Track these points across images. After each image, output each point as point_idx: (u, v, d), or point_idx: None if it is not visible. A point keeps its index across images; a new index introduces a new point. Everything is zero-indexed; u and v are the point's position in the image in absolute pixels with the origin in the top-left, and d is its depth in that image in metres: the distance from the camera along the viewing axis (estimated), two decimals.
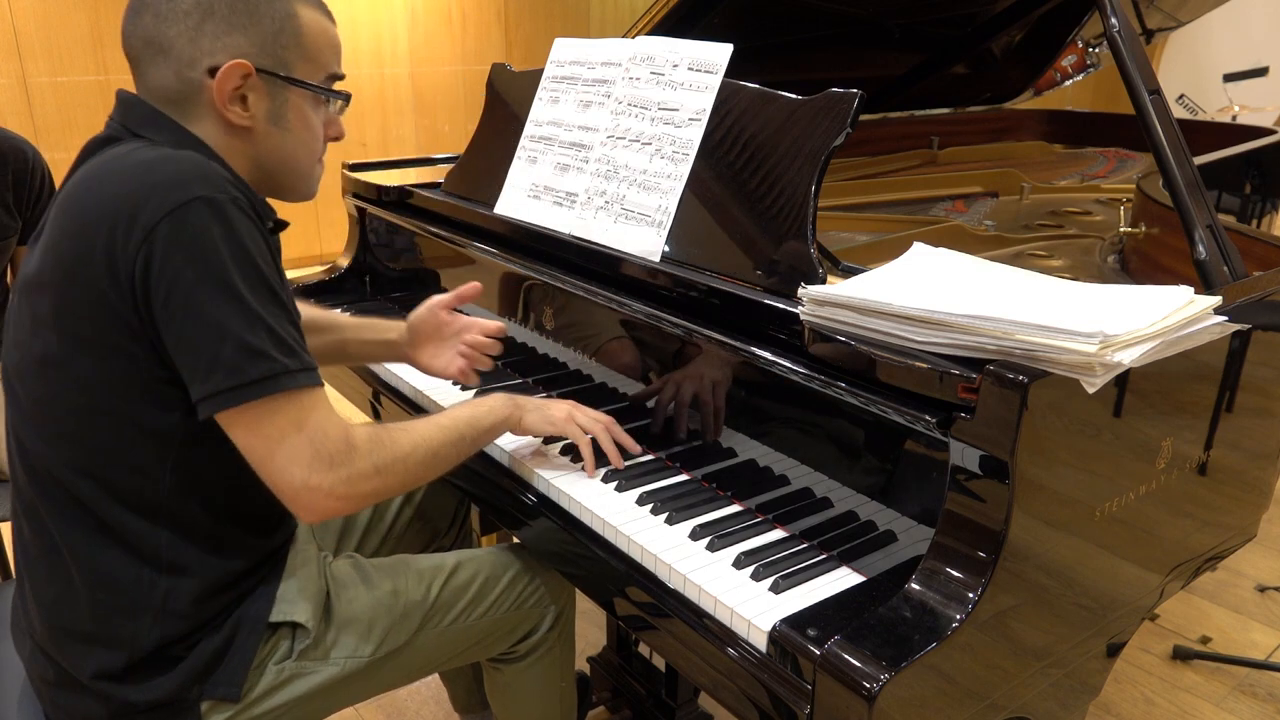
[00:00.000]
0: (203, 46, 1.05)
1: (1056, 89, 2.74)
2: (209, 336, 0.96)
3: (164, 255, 0.94)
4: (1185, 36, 5.57)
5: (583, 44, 1.60)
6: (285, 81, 1.10)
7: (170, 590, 1.07)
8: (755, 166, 1.29)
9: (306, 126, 1.14)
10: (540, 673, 1.43)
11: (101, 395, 1.01)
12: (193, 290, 0.95)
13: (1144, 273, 1.62)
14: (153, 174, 0.98)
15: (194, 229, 0.95)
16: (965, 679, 0.96)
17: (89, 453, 1.03)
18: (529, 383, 1.61)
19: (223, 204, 0.97)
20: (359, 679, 1.23)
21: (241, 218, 0.98)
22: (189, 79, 1.06)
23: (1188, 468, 1.22)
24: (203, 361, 0.96)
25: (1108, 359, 0.89)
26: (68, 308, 1.00)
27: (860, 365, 1.05)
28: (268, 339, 0.98)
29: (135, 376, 1.00)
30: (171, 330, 0.96)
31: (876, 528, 1.12)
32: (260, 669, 1.13)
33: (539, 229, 1.54)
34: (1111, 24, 1.33)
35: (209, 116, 1.08)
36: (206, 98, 1.06)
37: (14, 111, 4.45)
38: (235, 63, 1.05)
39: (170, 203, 0.95)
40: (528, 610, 1.37)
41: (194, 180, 0.97)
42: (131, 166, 1.00)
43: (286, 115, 1.12)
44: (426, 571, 1.30)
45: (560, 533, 1.26)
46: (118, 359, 0.99)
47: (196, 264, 0.95)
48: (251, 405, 0.97)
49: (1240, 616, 2.37)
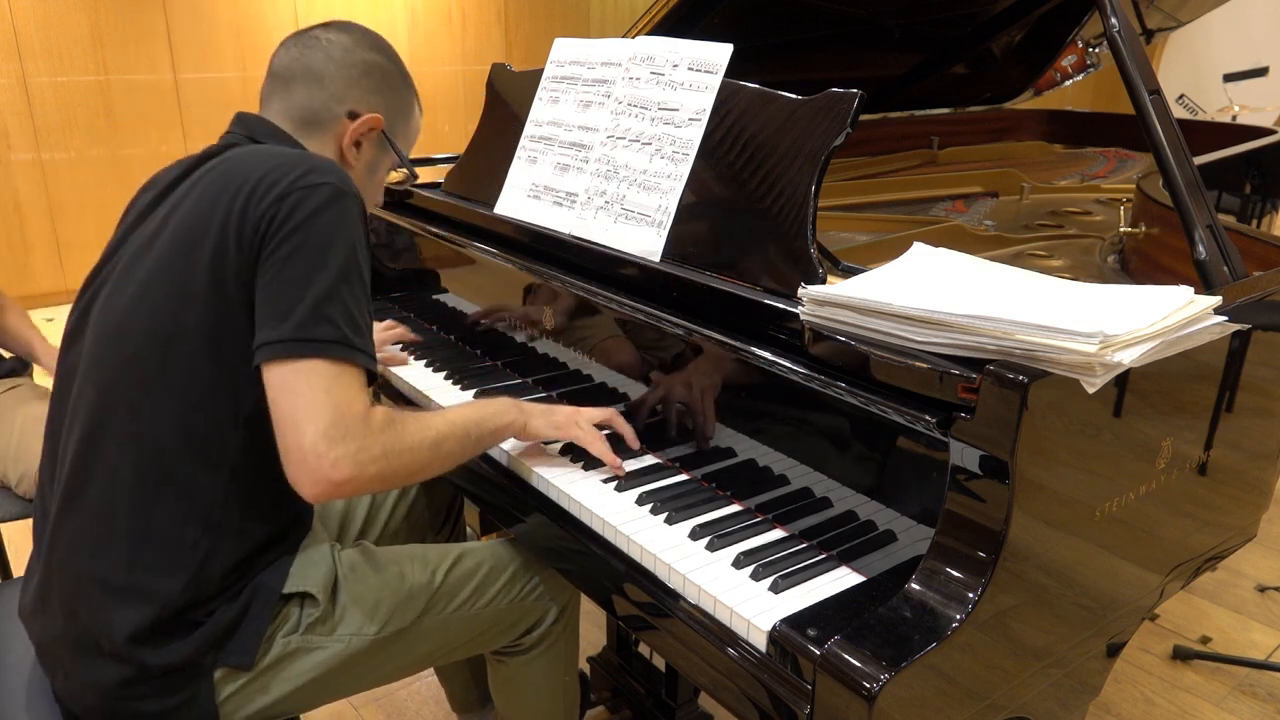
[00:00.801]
0: (354, 93, 1.27)
1: (1056, 89, 2.74)
2: (292, 292, 1.05)
3: (286, 216, 1.06)
4: (1185, 36, 5.57)
5: (583, 44, 1.60)
6: (390, 145, 1.33)
7: (210, 552, 1.12)
8: (755, 166, 1.29)
9: (380, 184, 1.38)
10: (544, 667, 1.43)
11: (199, 342, 1.09)
12: (296, 251, 1.06)
13: (1144, 273, 1.62)
14: (295, 160, 1.12)
15: (318, 204, 1.07)
16: (965, 679, 0.96)
17: (175, 397, 1.10)
18: (529, 382, 1.61)
19: (348, 196, 1.11)
20: (363, 660, 1.23)
21: (358, 214, 1.12)
22: (331, 110, 1.26)
23: (1188, 468, 1.22)
24: (278, 310, 1.05)
25: (1108, 359, 0.89)
26: (189, 255, 1.09)
27: (860, 365, 1.05)
28: (342, 314, 1.07)
29: (229, 326, 1.08)
30: (265, 277, 1.07)
31: (876, 527, 1.12)
32: (270, 640, 1.16)
33: (539, 229, 1.54)
34: (1111, 24, 1.33)
35: (328, 145, 1.27)
36: (336, 130, 1.27)
37: (14, 111, 4.45)
38: (375, 116, 1.28)
39: (308, 180, 1.09)
40: (531, 604, 1.38)
41: (331, 171, 1.11)
42: (276, 153, 1.14)
43: (378, 170, 1.35)
44: (433, 558, 1.32)
45: (560, 532, 1.26)
46: (219, 307, 1.08)
47: (309, 232, 1.07)
48: (302, 362, 1.03)
49: (1240, 616, 2.37)
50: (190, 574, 1.11)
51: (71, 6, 4.44)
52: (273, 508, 1.18)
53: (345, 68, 1.27)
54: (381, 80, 1.30)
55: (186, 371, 1.10)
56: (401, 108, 1.34)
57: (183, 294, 1.09)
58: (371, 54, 1.30)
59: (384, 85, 1.30)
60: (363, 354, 1.08)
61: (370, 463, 1.05)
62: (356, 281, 1.10)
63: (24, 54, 4.38)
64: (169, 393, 1.10)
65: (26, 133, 4.51)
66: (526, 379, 1.63)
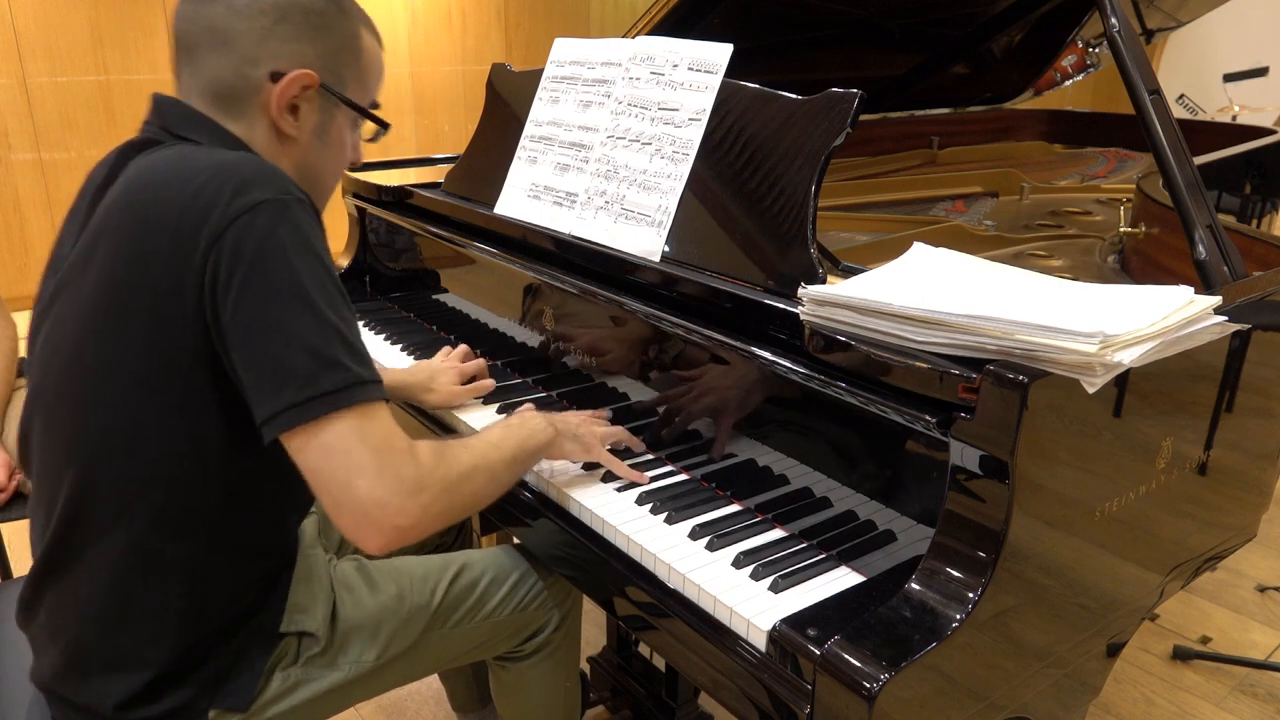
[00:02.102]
0: (270, 48, 1.03)
1: (1056, 89, 2.74)
2: (279, 348, 0.91)
3: (231, 263, 0.91)
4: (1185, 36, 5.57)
5: (583, 44, 1.60)
6: (338, 99, 1.09)
7: (199, 615, 1.05)
8: (755, 166, 1.29)
9: (342, 146, 1.14)
10: (545, 672, 1.43)
11: (144, 410, 0.97)
12: (262, 299, 0.91)
13: (1144, 273, 1.62)
14: (214, 177, 0.94)
15: (261, 233, 0.92)
16: (965, 679, 0.96)
17: (129, 469, 0.99)
18: (528, 382, 1.61)
19: (288, 204, 0.94)
20: (364, 682, 1.23)
21: (307, 217, 0.95)
22: (247, 77, 1.04)
23: (1188, 468, 1.22)
24: (271, 375, 0.91)
25: (1108, 359, 0.89)
26: (118, 320, 0.96)
27: (860, 365, 1.05)
28: (341, 347, 0.93)
29: (181, 393, 0.97)
30: (240, 342, 0.92)
31: (876, 527, 1.12)
32: (268, 676, 1.13)
33: (539, 229, 1.54)
34: (1111, 24, 1.33)
35: (257, 120, 1.06)
36: (260, 100, 1.05)
37: (14, 112, 4.45)
38: (303, 72, 1.04)
39: (236, 208, 0.92)
40: (533, 611, 1.37)
41: (257, 181, 0.94)
42: (190, 169, 0.96)
43: (330, 132, 1.11)
44: (432, 573, 1.30)
45: (559, 532, 1.26)
46: (166, 373, 0.96)
47: (266, 271, 0.91)
48: (323, 420, 0.91)
49: (1240, 616, 2.37)
50: (179, 639, 1.05)
51: (71, 6, 4.44)
52: (260, 558, 1.12)
53: (253, 17, 1.02)
54: (304, 21, 1.05)
55: (159, 452, 0.99)
56: (342, 47, 1.08)
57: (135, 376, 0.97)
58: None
59: (309, 26, 1.05)
60: (375, 384, 0.95)
61: (433, 501, 0.97)
62: (337, 298, 0.95)
63: (24, 54, 4.38)
64: (144, 478, 1.00)
65: (26, 133, 4.51)
66: (526, 379, 1.63)
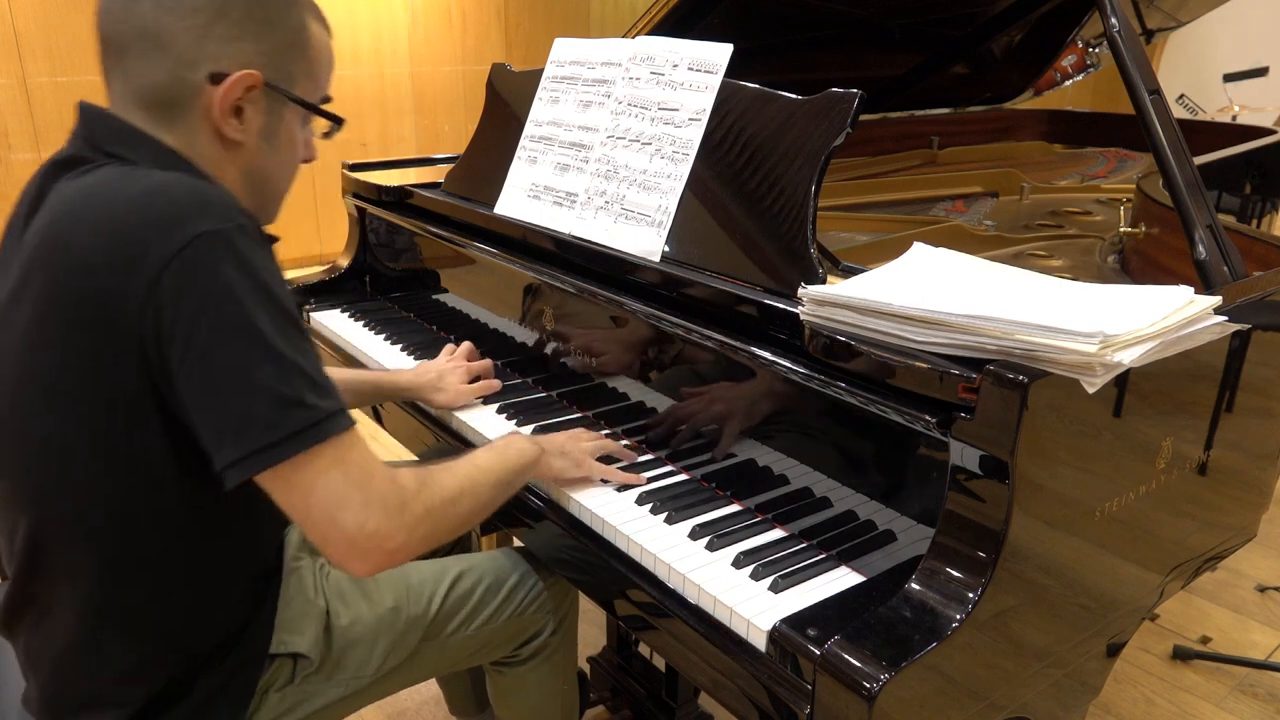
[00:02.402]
0: (208, 49, 0.95)
1: (1056, 89, 2.74)
2: (238, 394, 0.86)
3: (175, 307, 0.85)
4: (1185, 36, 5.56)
5: (583, 44, 1.60)
6: (287, 98, 1.02)
7: (168, 649, 1.03)
8: (755, 166, 1.29)
9: (292, 146, 1.06)
10: (543, 676, 1.43)
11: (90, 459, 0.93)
12: (212, 344, 0.85)
13: (1144, 273, 1.62)
14: (144, 210, 0.87)
15: (203, 272, 0.85)
16: (965, 679, 0.96)
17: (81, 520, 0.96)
18: (528, 382, 1.61)
19: (230, 234, 0.87)
20: (362, 695, 1.23)
21: (252, 246, 0.89)
22: (185, 80, 0.95)
23: (1188, 468, 1.22)
24: (232, 422, 0.86)
25: (1108, 359, 0.89)
26: (54, 366, 0.90)
27: (860, 365, 1.05)
28: (303, 384, 0.88)
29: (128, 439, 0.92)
30: (192, 387, 0.86)
31: (876, 527, 1.12)
32: (263, 696, 1.12)
33: (539, 229, 1.54)
34: (1111, 24, 1.33)
35: (198, 126, 0.98)
36: (200, 103, 0.96)
37: (14, 112, 4.45)
38: (245, 73, 0.96)
39: (173, 244, 0.85)
40: (530, 616, 1.36)
41: (193, 212, 0.87)
42: (120, 200, 0.89)
43: (279, 133, 1.03)
44: (428, 581, 1.29)
45: (560, 533, 1.26)
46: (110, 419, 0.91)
47: (213, 312, 0.85)
48: (296, 459, 0.88)
49: (1240, 616, 2.37)
50: (158, 675, 1.01)
51: (71, 6, 4.44)
52: (237, 583, 1.07)
53: (187, 15, 0.94)
54: (245, 16, 0.96)
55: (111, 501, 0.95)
56: (288, 41, 1.01)
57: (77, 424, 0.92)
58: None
59: (251, 21, 0.97)
60: (345, 415, 0.91)
61: (417, 524, 0.96)
62: (292, 330, 0.89)
63: (24, 54, 4.38)
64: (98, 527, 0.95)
65: (26, 133, 4.51)
66: (527, 379, 1.63)
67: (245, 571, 1.09)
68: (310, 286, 2.07)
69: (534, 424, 1.46)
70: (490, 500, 1.12)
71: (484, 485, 1.10)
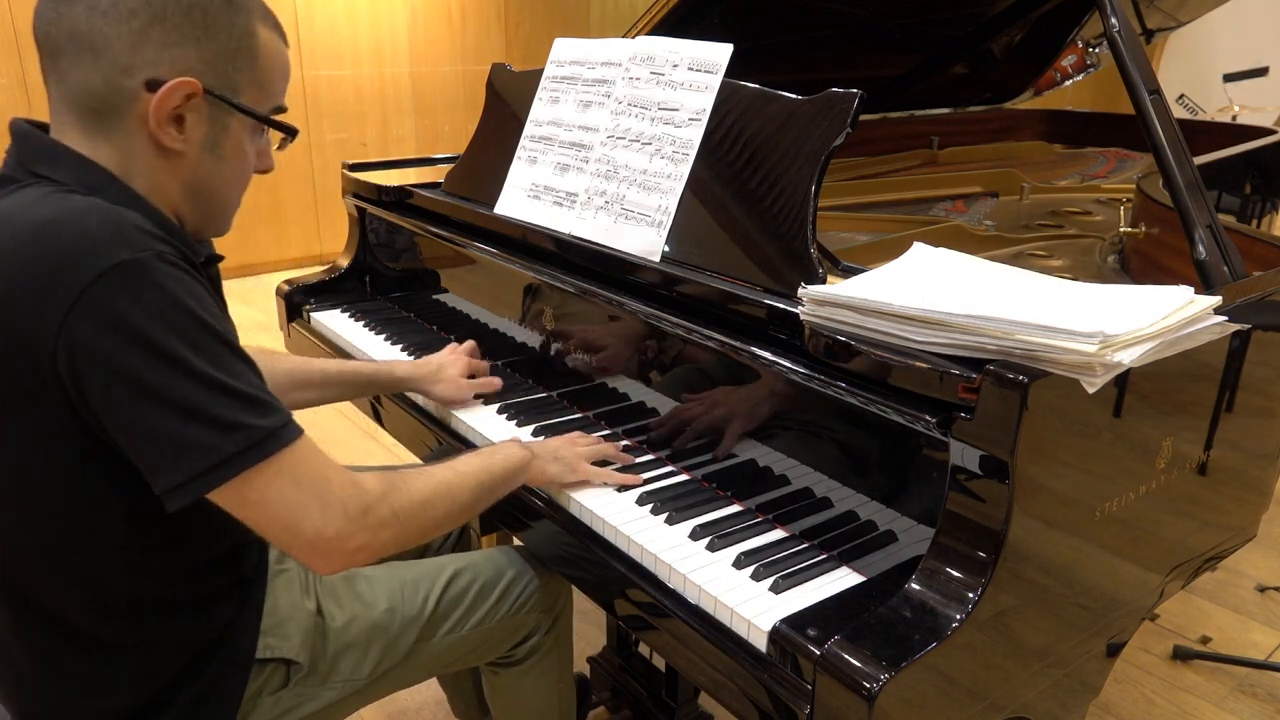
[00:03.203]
0: (145, 54, 0.91)
1: (1056, 89, 2.74)
2: (168, 420, 0.84)
3: (90, 341, 0.82)
4: (1185, 36, 5.56)
5: (583, 44, 1.60)
6: (232, 107, 0.97)
7: (142, 664, 1.01)
8: (755, 166, 1.29)
9: (241, 156, 1.01)
10: (539, 675, 1.43)
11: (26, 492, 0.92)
12: (136, 374, 0.83)
13: (1144, 273, 1.62)
14: (55, 238, 0.84)
15: (118, 303, 0.83)
16: (965, 679, 0.96)
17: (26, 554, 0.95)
18: (529, 382, 1.61)
19: (144, 263, 0.84)
20: (358, 697, 1.23)
21: (169, 271, 0.86)
22: (120, 87, 0.91)
23: (1188, 468, 1.22)
24: (167, 449, 0.85)
25: (1108, 359, 0.89)
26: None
27: (860, 365, 1.05)
28: (234, 404, 0.87)
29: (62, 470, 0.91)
30: (120, 420, 0.85)
31: (876, 528, 1.12)
32: (255, 700, 1.11)
33: (539, 229, 1.54)
34: (1111, 24, 1.33)
35: (134, 134, 0.94)
36: (136, 111, 0.92)
37: (14, 112, 4.44)
38: (182, 80, 0.92)
39: (86, 274, 0.82)
40: (524, 615, 1.36)
41: (105, 242, 0.84)
42: (26, 228, 0.86)
43: (224, 143, 0.99)
44: (422, 581, 1.28)
45: (560, 533, 1.26)
46: (42, 454, 0.90)
47: (131, 343, 0.83)
48: (245, 475, 0.87)
49: (1240, 616, 2.37)
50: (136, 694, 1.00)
51: None
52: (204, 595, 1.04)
53: (122, 20, 0.89)
54: (184, 20, 0.91)
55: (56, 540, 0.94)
56: (233, 49, 0.95)
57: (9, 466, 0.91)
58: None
59: (191, 26, 0.92)
60: (288, 428, 0.90)
61: (381, 527, 0.97)
62: (219, 349, 0.87)
63: (24, 54, 4.38)
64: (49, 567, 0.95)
65: None
66: (527, 379, 1.63)
67: (215, 581, 1.06)
68: (310, 286, 2.07)
69: (534, 424, 1.46)
70: (470, 503, 1.12)
71: (462, 490, 1.10)
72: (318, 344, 1.93)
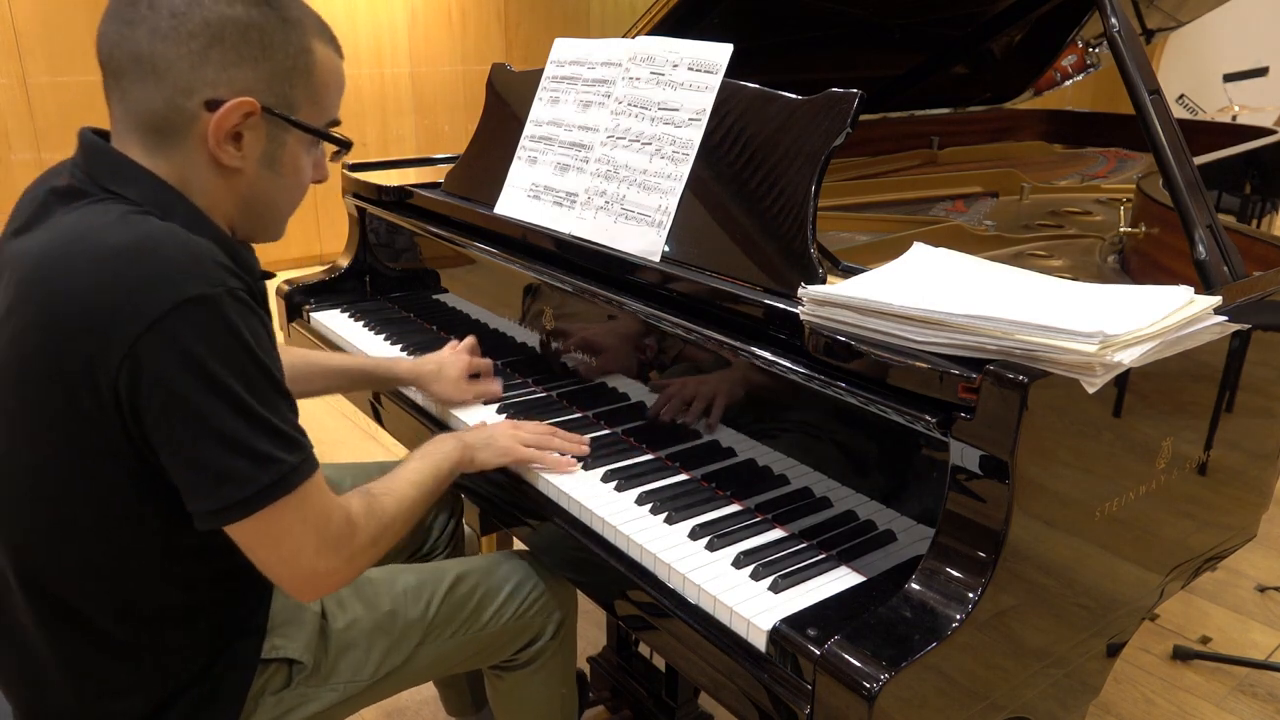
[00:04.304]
0: (204, 75, 0.94)
1: (1056, 89, 2.74)
2: (214, 453, 0.89)
3: (155, 367, 0.86)
4: (1185, 36, 5.57)
5: (583, 44, 1.60)
6: (289, 124, 1.00)
7: (158, 666, 1.04)
8: (755, 166, 1.29)
9: (297, 171, 1.05)
10: (542, 679, 1.42)
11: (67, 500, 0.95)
12: (191, 403, 0.87)
13: (1144, 273, 1.62)
14: (133, 264, 0.87)
15: (186, 336, 0.86)
16: (965, 679, 0.96)
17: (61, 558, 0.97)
18: (529, 382, 1.61)
19: (216, 301, 0.88)
20: (359, 698, 1.23)
21: (238, 309, 0.90)
22: (181, 108, 0.95)
23: (1188, 468, 1.22)
24: (207, 476, 0.90)
25: (1108, 359, 0.89)
26: (34, 408, 0.92)
27: (860, 365, 1.05)
28: (273, 441, 0.92)
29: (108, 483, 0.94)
30: (168, 443, 0.89)
31: (876, 527, 1.12)
32: (258, 699, 1.12)
33: (539, 229, 1.54)
34: (1111, 24, 1.33)
35: (194, 151, 0.97)
36: (196, 130, 0.96)
37: (14, 112, 4.45)
38: (241, 100, 0.95)
39: (156, 308, 0.85)
40: (528, 620, 1.36)
41: (180, 275, 0.87)
42: (104, 249, 0.89)
43: (281, 158, 1.02)
44: (426, 585, 1.29)
45: (560, 533, 1.26)
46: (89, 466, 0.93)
47: (192, 375, 0.87)
48: (262, 512, 0.92)
49: (1240, 616, 2.37)
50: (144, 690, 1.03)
51: (71, 6, 4.44)
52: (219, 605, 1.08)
53: (182, 42, 0.92)
54: (242, 41, 0.94)
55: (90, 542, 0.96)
56: (290, 66, 0.98)
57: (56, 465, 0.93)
58: (218, 5, 0.93)
59: (248, 46, 0.95)
60: (308, 463, 0.95)
61: (360, 554, 1.04)
62: (267, 388, 0.92)
63: (24, 54, 4.38)
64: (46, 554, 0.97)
65: (26, 133, 4.51)
66: (527, 379, 1.63)
67: (233, 587, 1.08)
68: (310, 286, 2.07)
69: None
70: (420, 510, 1.18)
71: (417, 500, 1.16)
72: (317, 344, 1.93)
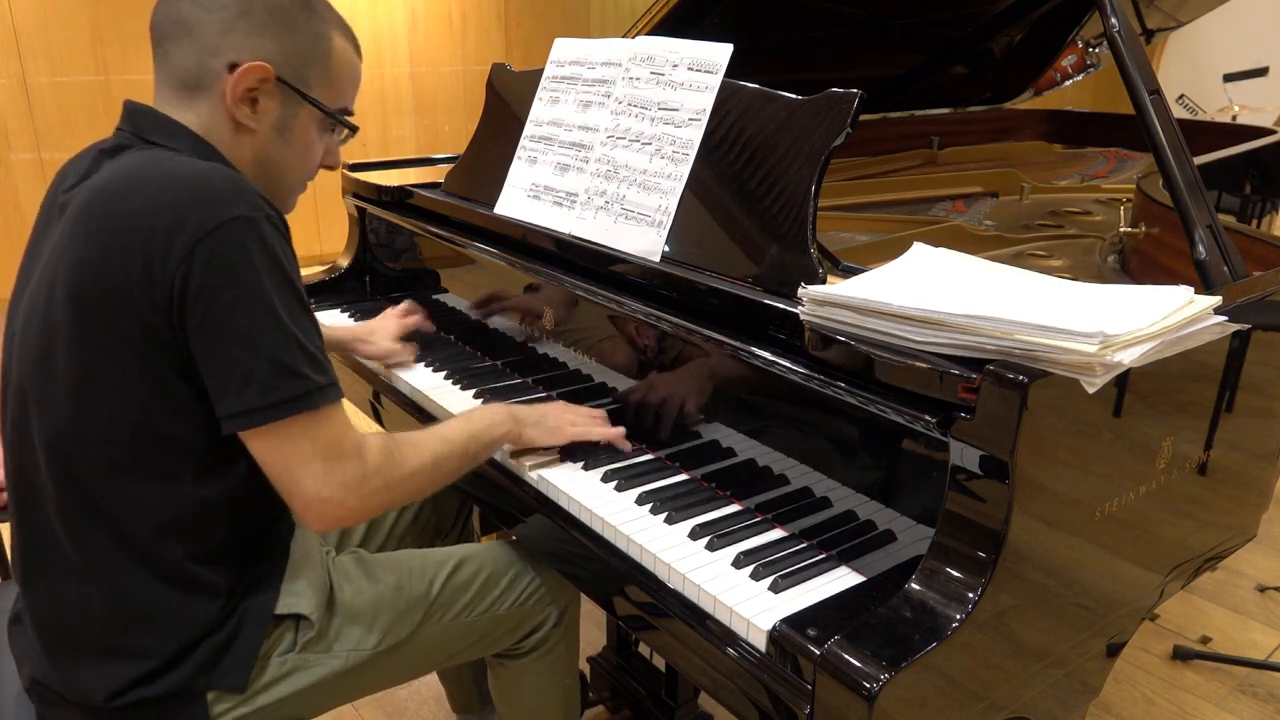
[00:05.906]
0: (230, 40, 1.07)
1: (1056, 89, 2.74)
2: (244, 354, 0.98)
3: (204, 273, 0.96)
4: (1185, 36, 5.57)
5: (583, 44, 1.60)
6: (300, 96, 1.12)
7: (185, 602, 1.08)
8: (755, 166, 1.29)
9: (308, 145, 1.17)
10: (544, 670, 1.43)
11: (124, 405, 1.02)
12: (230, 308, 0.97)
13: (1144, 273, 1.62)
14: (191, 188, 0.99)
15: (234, 248, 0.97)
16: (965, 679, 0.96)
17: (111, 462, 1.03)
18: (529, 382, 1.61)
19: (259, 222, 0.99)
20: (361, 672, 1.23)
21: (276, 235, 1.01)
22: (207, 66, 1.08)
23: (1188, 468, 1.22)
24: (235, 378, 0.98)
25: (1108, 359, 0.89)
26: (97, 316, 1.00)
27: (860, 365, 1.05)
28: (300, 356, 1.00)
29: (158, 389, 1.01)
30: (205, 346, 0.98)
31: (876, 527, 1.12)
32: (265, 660, 1.14)
33: (539, 229, 1.54)
34: (1111, 24, 1.33)
35: (216, 108, 1.09)
36: (219, 88, 1.08)
37: (14, 112, 4.45)
38: (256, 64, 1.07)
39: (211, 221, 0.97)
40: (531, 607, 1.37)
41: (232, 197, 0.99)
42: (167, 177, 1.01)
43: (293, 128, 1.14)
44: (430, 566, 1.31)
45: (559, 532, 1.26)
46: (143, 371, 1.01)
47: (235, 283, 0.97)
48: (279, 423, 1.00)
49: (1240, 616, 2.37)
50: (170, 624, 1.07)
51: (71, 6, 4.44)
52: (246, 546, 1.14)
53: (216, 10, 1.07)
54: (268, 17, 1.08)
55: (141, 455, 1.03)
56: (307, 46, 1.12)
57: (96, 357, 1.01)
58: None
59: (273, 22, 1.09)
60: (333, 388, 1.04)
61: (372, 494, 1.07)
62: (299, 310, 1.02)
63: (24, 54, 4.38)
64: (99, 457, 1.03)
65: (26, 133, 4.51)
66: (527, 379, 1.63)
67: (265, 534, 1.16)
68: (310, 286, 2.07)
69: None
70: (453, 471, 1.21)
71: (449, 459, 1.19)
72: None
